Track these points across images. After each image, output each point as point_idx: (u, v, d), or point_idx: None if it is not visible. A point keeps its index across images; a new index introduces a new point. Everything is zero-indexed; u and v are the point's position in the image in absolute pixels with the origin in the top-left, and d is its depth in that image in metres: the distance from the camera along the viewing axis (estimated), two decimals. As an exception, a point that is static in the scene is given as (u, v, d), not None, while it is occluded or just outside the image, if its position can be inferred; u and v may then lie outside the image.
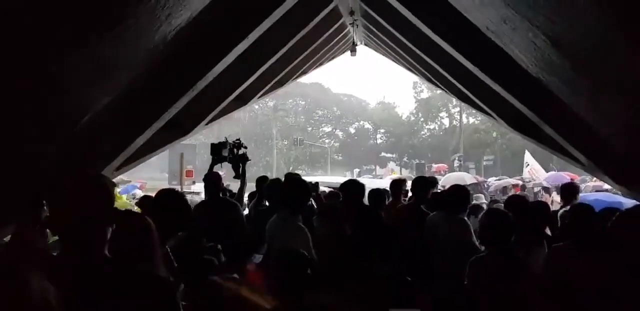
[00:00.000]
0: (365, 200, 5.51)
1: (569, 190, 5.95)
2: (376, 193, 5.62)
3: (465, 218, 4.71)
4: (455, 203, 4.72)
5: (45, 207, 3.98)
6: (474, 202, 9.51)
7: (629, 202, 9.09)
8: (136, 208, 6.93)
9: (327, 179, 15.49)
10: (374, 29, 8.89)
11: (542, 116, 5.32)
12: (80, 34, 2.83)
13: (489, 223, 3.87)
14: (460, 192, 4.85)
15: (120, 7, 2.89)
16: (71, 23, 2.67)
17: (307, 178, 7.93)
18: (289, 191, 4.29)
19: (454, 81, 7.43)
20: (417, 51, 7.34)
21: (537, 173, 18.78)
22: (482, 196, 12.74)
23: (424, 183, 5.45)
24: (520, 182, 18.24)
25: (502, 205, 6.46)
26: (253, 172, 25.20)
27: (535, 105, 5.28)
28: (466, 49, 5.33)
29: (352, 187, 5.25)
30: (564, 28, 3.10)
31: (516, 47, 4.07)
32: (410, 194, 6.09)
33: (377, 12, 7.03)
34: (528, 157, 19.85)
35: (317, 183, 6.14)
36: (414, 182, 5.51)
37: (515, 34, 3.75)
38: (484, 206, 7.45)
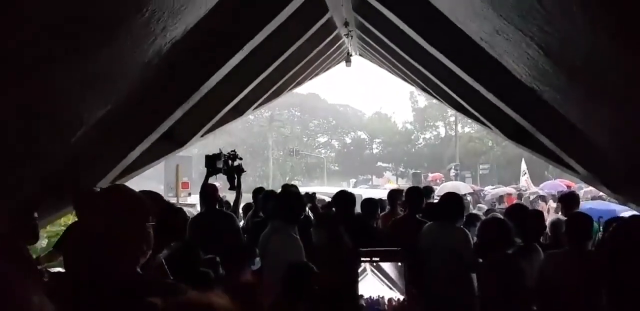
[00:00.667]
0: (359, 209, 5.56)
1: (569, 200, 5.93)
2: (368, 203, 5.62)
3: (463, 228, 4.68)
4: (449, 212, 4.68)
5: (36, 220, 3.97)
6: (476, 211, 9.50)
7: (623, 210, 9.11)
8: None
9: (324, 189, 15.48)
10: (369, 40, 8.94)
11: (537, 125, 5.34)
12: (74, 46, 2.83)
13: (489, 232, 3.88)
14: (452, 200, 4.82)
15: (115, 20, 2.90)
16: (66, 36, 2.67)
17: (304, 189, 7.89)
18: (282, 202, 4.29)
19: (449, 91, 7.45)
20: (412, 61, 7.37)
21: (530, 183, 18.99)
22: (485, 207, 12.71)
23: (418, 192, 5.45)
24: (514, 191, 18.29)
25: (498, 214, 6.44)
26: (249, 182, 25.15)
27: (529, 115, 5.30)
28: (460, 59, 5.36)
29: (343, 198, 5.30)
30: (556, 38, 3.11)
31: (510, 57, 4.09)
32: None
33: (372, 23, 7.07)
34: (525, 166, 20.05)
35: (314, 193, 6.12)
36: (407, 192, 5.50)
37: (508, 44, 3.77)
38: (482, 216, 7.41)
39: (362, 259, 3.78)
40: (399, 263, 4.08)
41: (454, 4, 4.29)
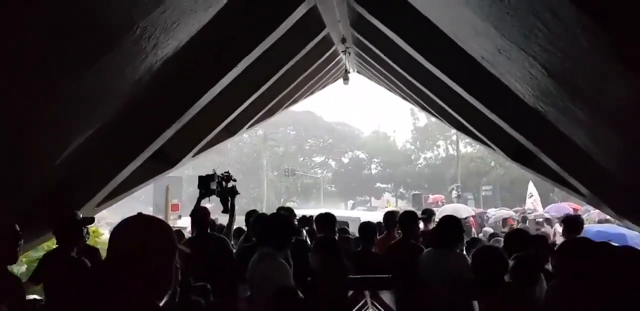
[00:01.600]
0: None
1: (573, 224, 5.79)
2: (366, 227, 5.51)
3: (464, 254, 4.54)
4: (447, 237, 4.53)
5: (20, 243, 3.80)
6: (481, 236, 9.38)
7: (631, 234, 9.00)
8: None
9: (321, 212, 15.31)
10: (367, 57, 8.89)
11: (541, 146, 5.27)
12: (63, 64, 2.80)
13: (481, 264, 3.77)
14: (450, 224, 4.67)
15: (105, 37, 2.86)
16: (55, 54, 2.65)
17: (300, 211, 7.73)
18: (269, 228, 4.12)
19: (450, 110, 7.36)
20: (411, 79, 7.31)
21: (539, 205, 18.82)
22: (490, 230, 12.54)
23: (412, 217, 5.33)
24: (513, 214, 18.13)
25: (501, 239, 6.30)
26: (242, 204, 24.88)
27: (533, 135, 5.23)
28: (462, 78, 5.30)
29: (325, 220, 5.61)
30: (559, 58, 3.07)
31: (512, 77, 4.04)
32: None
33: (370, 39, 7.03)
34: (532, 187, 19.82)
35: (310, 216, 5.98)
36: (401, 217, 5.36)
37: (511, 63, 3.73)
38: (485, 241, 7.28)
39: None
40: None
41: (454, 22, 4.24)
